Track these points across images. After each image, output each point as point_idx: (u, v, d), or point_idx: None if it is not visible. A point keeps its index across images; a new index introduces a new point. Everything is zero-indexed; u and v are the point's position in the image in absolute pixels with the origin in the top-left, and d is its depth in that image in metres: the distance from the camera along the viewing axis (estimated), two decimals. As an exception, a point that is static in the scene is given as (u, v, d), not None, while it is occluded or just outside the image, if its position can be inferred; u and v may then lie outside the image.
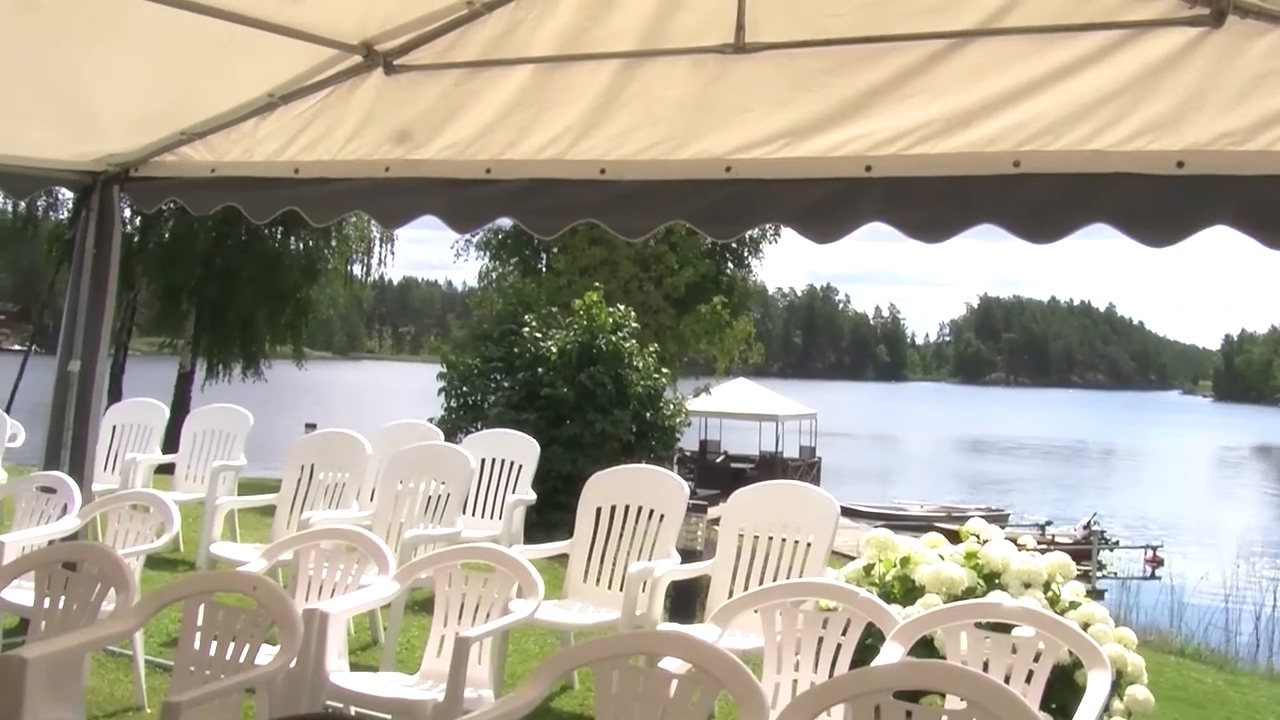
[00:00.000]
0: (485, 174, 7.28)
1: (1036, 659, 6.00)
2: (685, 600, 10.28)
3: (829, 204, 6.33)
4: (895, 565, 7.53)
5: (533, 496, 11.75)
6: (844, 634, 6.34)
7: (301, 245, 41.77)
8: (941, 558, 7.49)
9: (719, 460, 51.24)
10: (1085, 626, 6.54)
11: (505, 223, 11.17)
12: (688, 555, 9.62)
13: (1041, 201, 5.77)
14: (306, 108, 7.88)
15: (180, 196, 8.92)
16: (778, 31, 6.12)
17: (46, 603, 6.32)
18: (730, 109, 6.51)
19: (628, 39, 6.48)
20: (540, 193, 7.14)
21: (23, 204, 41.16)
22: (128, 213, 9.56)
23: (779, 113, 6.38)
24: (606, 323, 23.09)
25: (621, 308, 24.30)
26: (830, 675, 6.22)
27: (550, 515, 16.69)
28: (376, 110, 7.59)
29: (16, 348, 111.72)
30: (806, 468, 52.15)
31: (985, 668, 5.93)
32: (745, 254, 48.07)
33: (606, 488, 9.19)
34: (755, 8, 6.08)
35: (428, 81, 7.28)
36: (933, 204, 6.08)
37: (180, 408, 30.23)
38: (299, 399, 56.39)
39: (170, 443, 13.86)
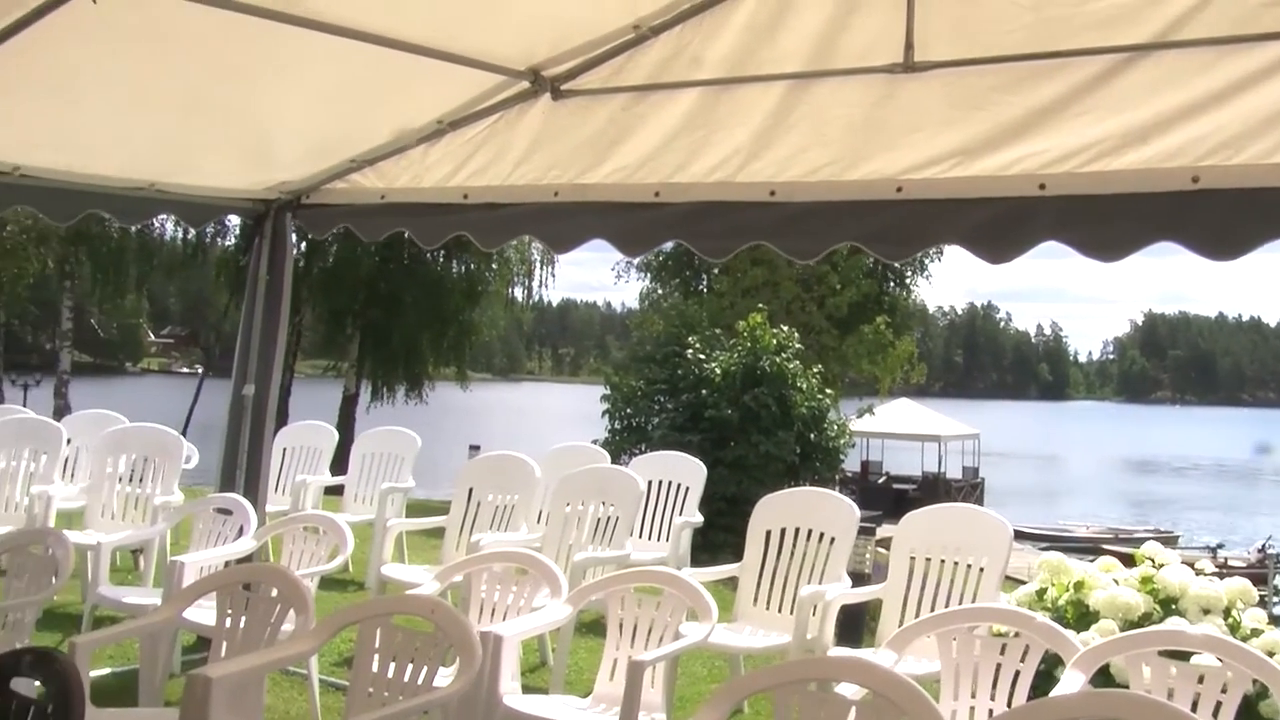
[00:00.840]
0: (654, 197, 7.28)
1: (1224, 690, 5.85)
2: (853, 624, 10.19)
3: (1002, 224, 6.23)
4: (1068, 589, 7.40)
5: (700, 519, 11.72)
6: (1022, 660, 6.23)
7: (463, 269, 42.24)
8: (1116, 582, 7.35)
9: (881, 481, 50.87)
10: (1270, 654, 6.35)
11: (668, 244, 11.21)
12: (856, 578, 9.53)
13: (1222, 218, 5.62)
14: (475, 133, 7.95)
15: (351, 223, 9.03)
16: (947, 50, 6.04)
17: (228, 623, 6.44)
18: (900, 129, 6.44)
19: (796, 60, 6.44)
20: (710, 215, 7.11)
21: (193, 231, 42.12)
22: (292, 237, 9.71)
23: (949, 132, 6.30)
24: (770, 344, 23.02)
25: (785, 328, 24.23)
26: (1009, 703, 6.11)
27: (715, 537, 16.65)
28: (544, 135, 7.62)
29: (185, 370, 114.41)
30: (969, 489, 51.58)
31: (1170, 698, 5.79)
32: (908, 273, 47.71)
33: (776, 510, 9.14)
34: (924, 26, 6.00)
35: (595, 106, 7.29)
36: (1109, 222, 5.95)
37: (345, 430, 30.69)
38: (460, 421, 56.93)
39: (337, 465, 14.04)
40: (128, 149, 8.37)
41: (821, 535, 8.86)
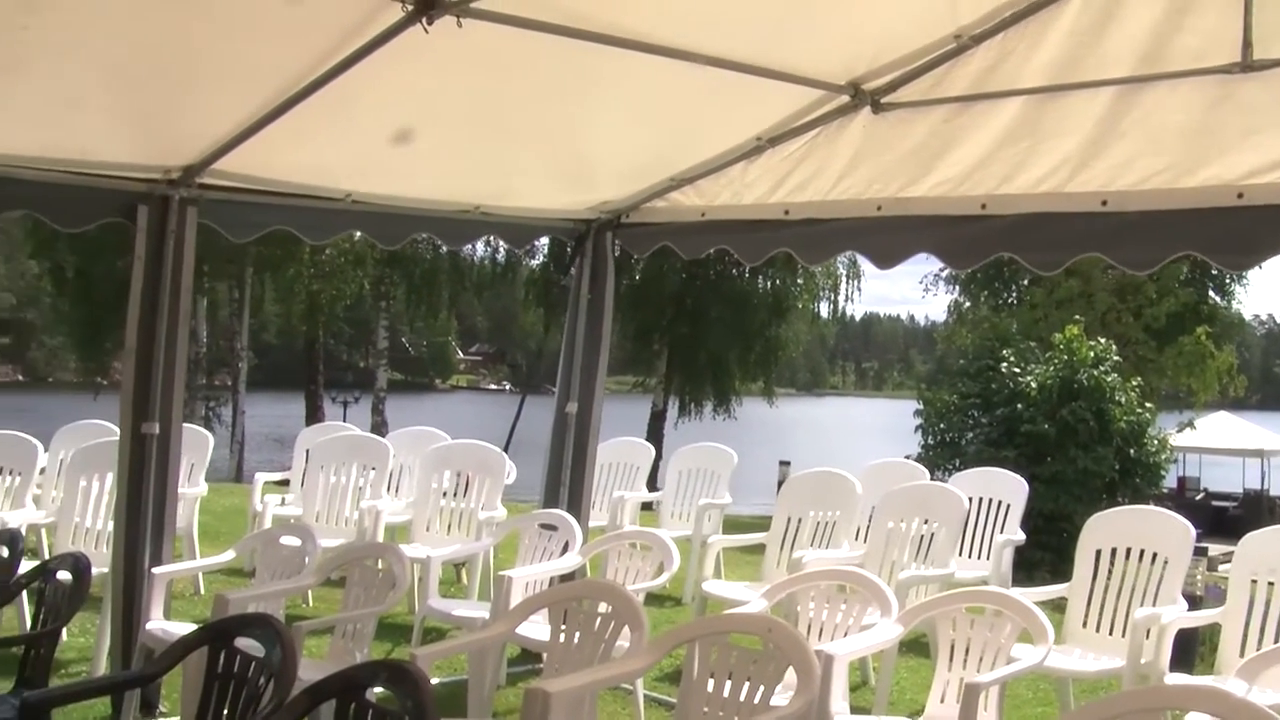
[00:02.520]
0: (980, 210, 7.16)
1: None
2: (1185, 649, 9.82)
3: (1356, 228, 5.94)
4: None
5: (1022, 537, 11.42)
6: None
7: (769, 284, 42.30)
8: None
9: (1199, 498, 49.07)
10: None
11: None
12: (1188, 601, 9.19)
13: None
14: (794, 149, 7.93)
15: (671, 241, 9.11)
16: (1291, 45, 5.77)
17: (561, 637, 6.51)
18: (1238, 132, 6.17)
19: (1124, 64, 6.23)
20: (1039, 227, 6.95)
21: (502, 251, 43.13)
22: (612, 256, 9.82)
23: (1294, 133, 6.03)
24: (1087, 356, 22.42)
25: (1102, 340, 23.59)
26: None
27: (1031, 555, 16.30)
28: (865, 149, 7.56)
29: (493, 387, 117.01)
30: (1296, 507, 49.40)
31: None
32: (1228, 281, 45.93)
33: (1106, 529, 8.84)
34: (1264, 22, 5.71)
35: (916, 118, 7.21)
36: None
37: (654, 446, 30.88)
38: (767, 435, 56.89)
39: (649, 480, 14.14)
40: (453, 173, 8.60)
41: (1154, 555, 8.56)
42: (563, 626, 6.54)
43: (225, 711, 5.26)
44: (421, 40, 5.79)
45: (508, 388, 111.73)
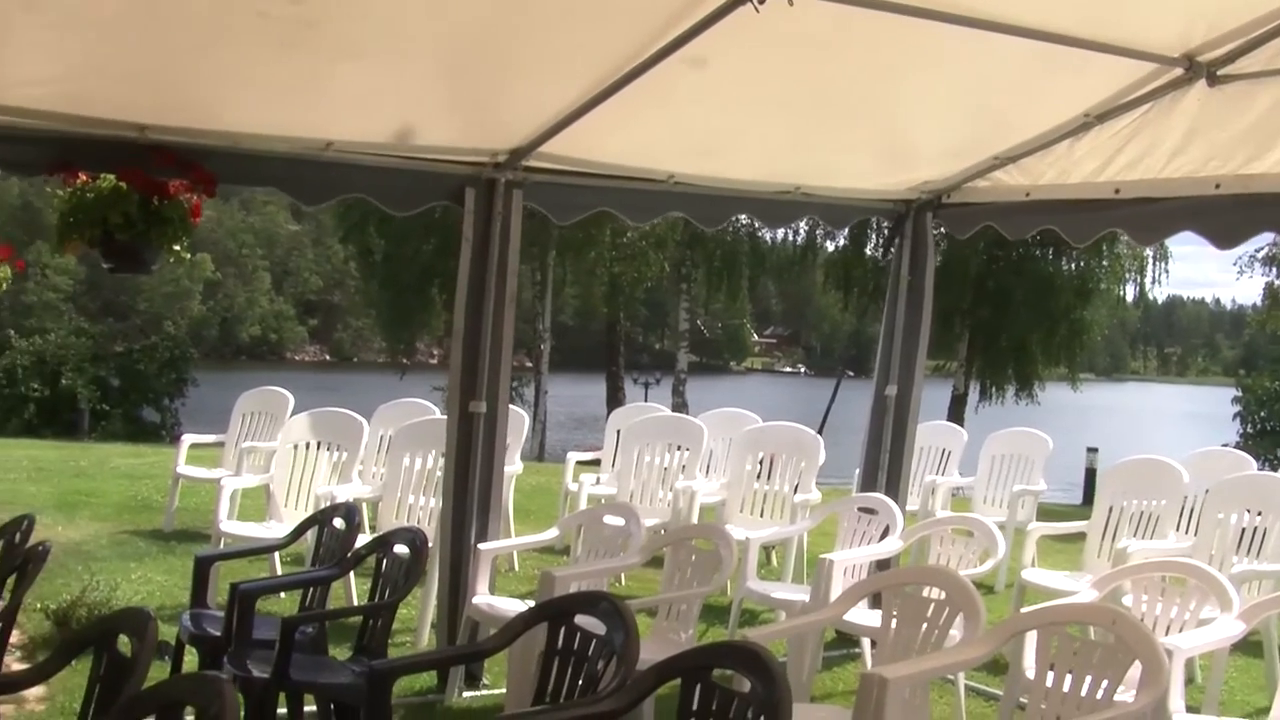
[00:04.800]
0: (1332, 188, 6.83)
1: None
2: None
3: None
4: None
5: (1361, 534, 10.91)
6: None
7: (1073, 266, 41.30)
8: None
9: None
10: None
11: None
12: None
13: None
14: (1124, 126, 7.67)
15: (994, 221, 8.95)
16: None
17: (893, 624, 6.43)
18: None
19: None
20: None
21: (801, 234, 42.96)
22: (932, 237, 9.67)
23: None
24: None
25: None
26: None
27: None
28: (1201, 124, 7.27)
29: (787, 369, 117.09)
30: None
31: None
32: None
33: None
34: None
35: (1256, 91, 6.87)
36: None
37: (955, 430, 30.38)
38: (1068, 421, 55.66)
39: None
40: (774, 153, 8.57)
41: None
42: (894, 612, 6.45)
43: (564, 688, 5.33)
44: (749, 21, 5.75)
45: (802, 370, 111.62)
